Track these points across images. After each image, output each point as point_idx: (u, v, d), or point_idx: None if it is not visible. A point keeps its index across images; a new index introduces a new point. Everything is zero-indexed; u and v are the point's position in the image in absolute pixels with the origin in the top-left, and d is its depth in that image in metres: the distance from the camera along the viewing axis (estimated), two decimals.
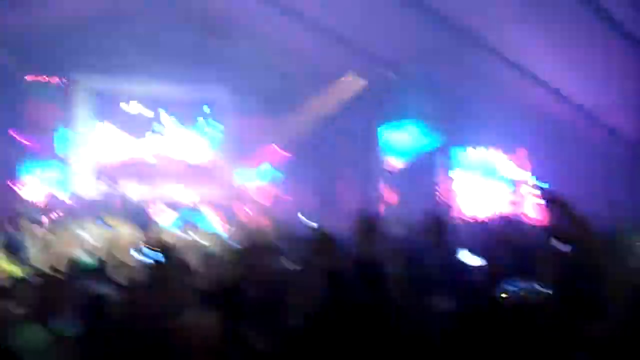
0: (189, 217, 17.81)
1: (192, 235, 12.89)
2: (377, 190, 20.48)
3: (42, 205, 18.67)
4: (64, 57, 19.72)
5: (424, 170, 19.38)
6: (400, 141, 19.98)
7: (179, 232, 13.86)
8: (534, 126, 17.07)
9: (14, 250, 9.51)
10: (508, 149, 19.09)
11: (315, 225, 12.40)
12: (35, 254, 8.92)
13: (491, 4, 14.29)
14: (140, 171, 21.63)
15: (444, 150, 19.37)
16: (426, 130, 19.45)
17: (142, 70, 20.56)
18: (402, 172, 19.81)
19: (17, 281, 5.55)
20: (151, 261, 5.37)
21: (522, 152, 18.81)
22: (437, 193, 18.91)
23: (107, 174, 20.06)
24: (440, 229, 7.86)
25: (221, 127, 23.14)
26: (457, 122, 18.63)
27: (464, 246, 7.32)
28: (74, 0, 17.64)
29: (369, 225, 7.59)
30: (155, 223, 16.65)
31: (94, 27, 19.25)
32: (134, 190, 20.17)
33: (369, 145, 20.80)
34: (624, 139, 15.28)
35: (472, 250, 6.94)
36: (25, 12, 16.71)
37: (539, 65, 15.58)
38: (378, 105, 20.23)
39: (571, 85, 15.58)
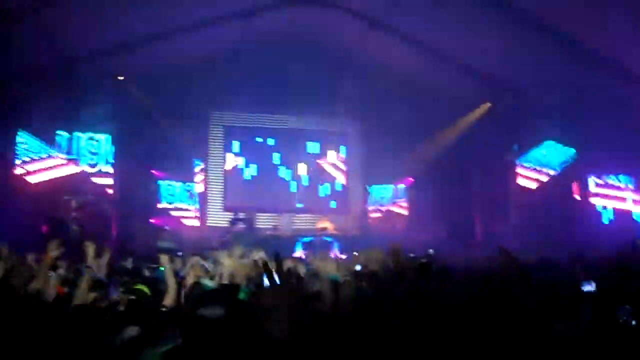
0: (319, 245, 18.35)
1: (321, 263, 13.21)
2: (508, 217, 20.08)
3: (179, 237, 19.35)
4: (199, 96, 20.78)
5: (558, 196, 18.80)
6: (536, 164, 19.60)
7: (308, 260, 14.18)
8: None
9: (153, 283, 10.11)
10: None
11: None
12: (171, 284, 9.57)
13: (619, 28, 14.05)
14: (269, 202, 22.06)
15: (578, 175, 18.80)
16: (560, 155, 18.98)
17: (274, 106, 21.53)
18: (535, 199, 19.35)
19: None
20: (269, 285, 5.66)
21: None
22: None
23: (238, 205, 20.81)
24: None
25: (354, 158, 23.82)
26: (588, 148, 18.09)
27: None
28: (200, 41, 18.26)
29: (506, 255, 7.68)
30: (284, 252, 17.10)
31: (222, 64, 20.09)
32: (264, 220, 20.87)
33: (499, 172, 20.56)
34: None
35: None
36: (155, 54, 17.59)
37: None
38: (509, 132, 19.82)
39: None
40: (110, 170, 18.73)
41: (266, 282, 4.93)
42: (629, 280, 6.73)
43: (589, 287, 6.19)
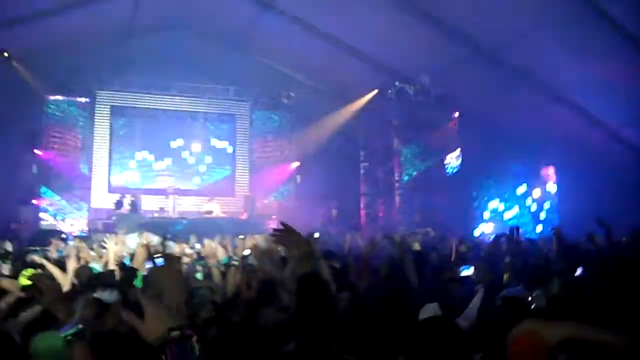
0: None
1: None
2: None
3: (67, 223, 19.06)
4: (86, 74, 20.51)
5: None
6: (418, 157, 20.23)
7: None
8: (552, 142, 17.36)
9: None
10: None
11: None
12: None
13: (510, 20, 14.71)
14: (156, 185, 22.06)
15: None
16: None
17: (164, 86, 21.39)
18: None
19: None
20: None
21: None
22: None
23: (124, 186, 20.58)
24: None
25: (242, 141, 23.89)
26: (480, 140, 18.76)
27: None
28: (89, 17, 17.75)
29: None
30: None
31: (111, 43, 19.67)
32: (150, 203, 20.71)
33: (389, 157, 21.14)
34: None
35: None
36: (43, 30, 17.05)
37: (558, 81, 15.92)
38: (398, 118, 20.36)
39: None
40: None
41: (149, 264, 5.03)
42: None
43: (467, 271, 6.52)
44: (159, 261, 4.54)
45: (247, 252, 9.15)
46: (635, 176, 15.86)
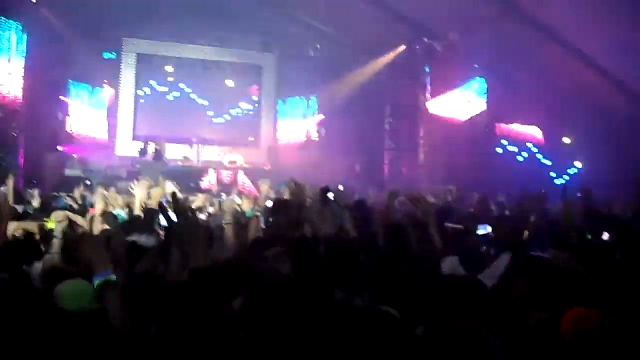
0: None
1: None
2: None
3: (87, 165, 19.16)
4: (113, 22, 20.39)
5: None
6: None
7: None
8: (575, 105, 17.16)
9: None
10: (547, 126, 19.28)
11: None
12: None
13: None
14: (181, 133, 21.95)
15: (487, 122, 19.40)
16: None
17: (189, 35, 21.55)
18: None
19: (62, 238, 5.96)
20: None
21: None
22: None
23: (148, 134, 20.63)
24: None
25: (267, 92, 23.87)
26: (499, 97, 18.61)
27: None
28: None
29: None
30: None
31: None
32: (174, 151, 20.79)
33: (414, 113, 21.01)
34: None
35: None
36: None
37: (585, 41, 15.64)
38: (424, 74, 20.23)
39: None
40: (20, 94, 18.04)
41: (173, 216, 5.06)
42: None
43: (484, 230, 6.50)
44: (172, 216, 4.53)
45: (269, 203, 9.18)
46: None
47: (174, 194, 4.89)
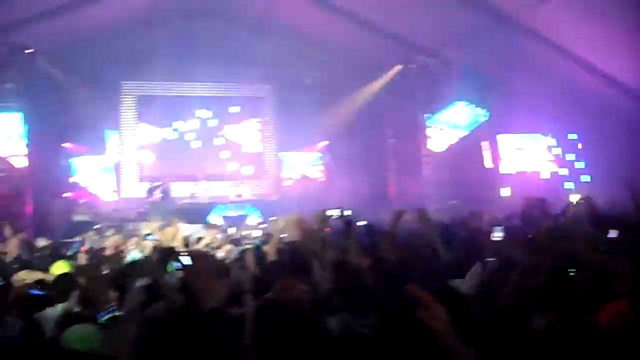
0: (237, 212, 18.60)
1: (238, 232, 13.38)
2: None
3: (94, 209, 19.21)
4: (110, 66, 20.46)
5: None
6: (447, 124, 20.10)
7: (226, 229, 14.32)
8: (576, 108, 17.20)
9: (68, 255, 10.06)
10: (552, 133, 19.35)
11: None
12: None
13: None
14: (186, 171, 22.03)
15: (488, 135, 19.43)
16: (470, 115, 19.56)
17: (186, 74, 21.67)
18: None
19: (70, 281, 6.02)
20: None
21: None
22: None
23: (154, 175, 20.69)
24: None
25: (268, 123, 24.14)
26: (499, 105, 18.67)
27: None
28: (109, 10, 17.80)
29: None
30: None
31: (134, 33, 19.85)
32: (180, 189, 20.85)
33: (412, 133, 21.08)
34: None
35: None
36: (65, 23, 17.17)
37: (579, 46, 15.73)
38: (422, 92, 20.29)
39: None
40: (24, 148, 18.20)
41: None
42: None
43: (499, 235, 6.56)
44: (185, 260, 4.54)
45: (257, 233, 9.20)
46: None
47: (184, 240, 4.92)
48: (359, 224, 9.30)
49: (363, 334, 3.45)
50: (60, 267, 7.20)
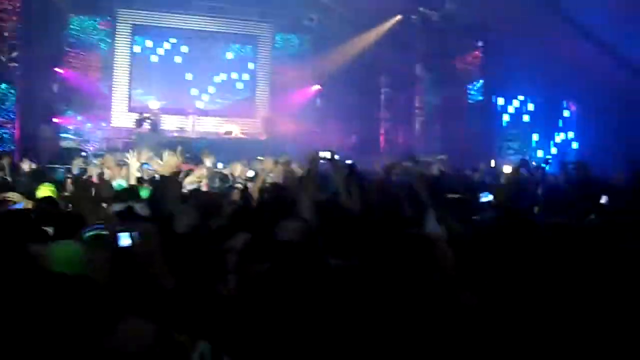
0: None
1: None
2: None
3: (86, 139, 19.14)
4: None
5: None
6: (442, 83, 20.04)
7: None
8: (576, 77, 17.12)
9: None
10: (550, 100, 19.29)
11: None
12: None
13: None
14: (176, 104, 21.90)
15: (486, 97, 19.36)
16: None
17: (185, 5, 21.38)
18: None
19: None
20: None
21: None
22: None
23: (147, 108, 20.52)
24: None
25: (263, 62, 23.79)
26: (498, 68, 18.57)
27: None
28: None
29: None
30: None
31: None
32: (172, 124, 20.72)
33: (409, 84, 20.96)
34: None
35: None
36: None
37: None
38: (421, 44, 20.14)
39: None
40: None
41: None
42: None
43: (486, 198, 6.52)
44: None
45: (250, 173, 9.12)
46: None
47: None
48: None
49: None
50: (44, 191, 7.16)
